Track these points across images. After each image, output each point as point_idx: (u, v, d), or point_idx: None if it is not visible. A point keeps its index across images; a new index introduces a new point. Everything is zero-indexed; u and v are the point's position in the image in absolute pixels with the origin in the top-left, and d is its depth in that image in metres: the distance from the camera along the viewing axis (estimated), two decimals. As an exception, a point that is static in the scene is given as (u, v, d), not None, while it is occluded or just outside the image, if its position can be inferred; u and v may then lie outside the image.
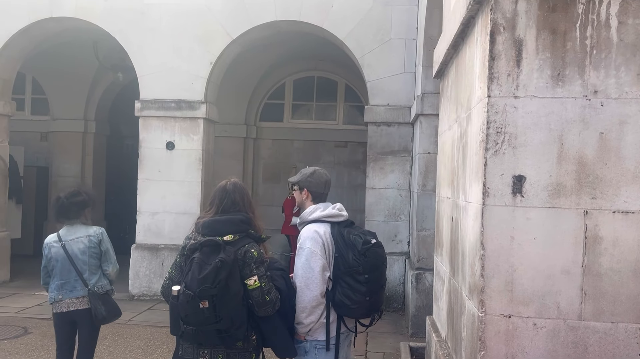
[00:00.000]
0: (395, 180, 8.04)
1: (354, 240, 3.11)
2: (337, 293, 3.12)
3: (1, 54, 8.54)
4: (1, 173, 8.99)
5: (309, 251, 3.10)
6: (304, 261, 3.10)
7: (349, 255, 3.09)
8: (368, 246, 3.07)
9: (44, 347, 6.05)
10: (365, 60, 8.14)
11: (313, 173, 3.34)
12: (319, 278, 3.08)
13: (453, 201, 3.50)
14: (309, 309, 3.08)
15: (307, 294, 3.07)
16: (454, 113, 3.61)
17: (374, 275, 3.09)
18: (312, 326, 3.14)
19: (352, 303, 3.09)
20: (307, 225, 3.22)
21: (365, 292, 3.07)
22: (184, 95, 8.38)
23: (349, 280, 3.09)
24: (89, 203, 4.43)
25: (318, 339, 3.18)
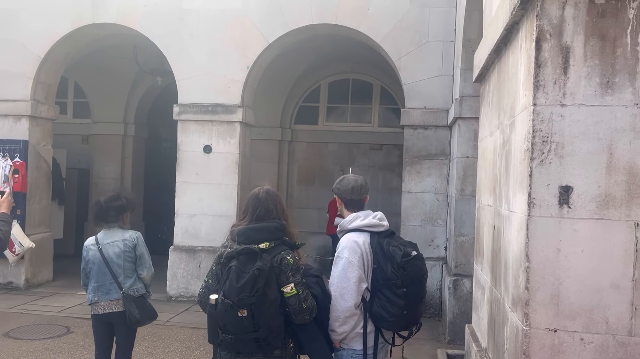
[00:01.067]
0: (432, 184, 7.95)
1: (393, 252, 3.07)
2: (374, 304, 3.09)
3: (46, 59, 8.79)
4: (45, 175, 9.24)
5: (346, 261, 3.08)
6: (340, 270, 3.09)
7: (387, 268, 3.06)
8: (408, 259, 3.03)
9: (85, 346, 6.19)
10: (402, 62, 8.07)
11: (342, 180, 3.33)
12: (354, 288, 3.05)
13: (495, 209, 3.43)
14: (342, 319, 3.07)
15: (342, 304, 3.06)
16: (495, 119, 3.53)
17: (412, 289, 3.05)
18: (345, 335, 3.12)
19: (389, 315, 3.06)
20: (346, 234, 3.20)
21: (404, 306, 3.03)
22: (221, 99, 8.47)
23: (387, 293, 3.05)
24: (127, 207, 4.51)
25: (354, 349, 3.17)
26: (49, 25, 8.67)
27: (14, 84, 8.76)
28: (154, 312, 4.53)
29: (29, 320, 7.13)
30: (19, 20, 8.75)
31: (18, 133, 8.73)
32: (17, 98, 8.75)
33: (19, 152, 8.60)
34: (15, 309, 7.63)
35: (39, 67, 8.76)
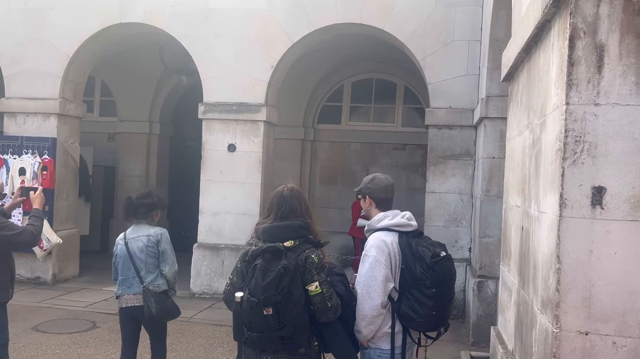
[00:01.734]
0: (456, 185, 7.88)
1: (422, 252, 3.05)
2: (402, 305, 3.08)
3: (74, 58, 8.93)
4: (72, 172, 9.40)
5: (373, 259, 3.07)
6: (367, 269, 3.08)
7: (416, 268, 3.04)
8: (437, 259, 3.01)
9: (111, 341, 6.27)
10: (427, 62, 8.02)
11: (373, 179, 3.32)
12: (381, 287, 3.04)
13: (523, 210, 3.39)
14: (368, 318, 3.05)
15: (368, 302, 3.05)
16: (525, 119, 3.49)
17: (441, 290, 3.03)
18: (372, 335, 3.11)
19: (417, 316, 3.05)
20: (374, 233, 3.19)
21: (432, 306, 3.02)
22: (245, 98, 8.52)
23: (416, 293, 3.04)
24: (157, 205, 4.58)
25: (382, 348, 3.16)
26: (77, 24, 8.82)
27: (43, 83, 8.93)
28: (174, 309, 4.51)
29: (56, 314, 7.26)
30: (48, 19, 8.91)
31: (46, 131, 8.89)
32: (46, 97, 8.91)
33: (47, 149, 8.76)
34: (43, 303, 7.78)
35: (67, 66, 8.91)
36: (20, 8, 9.00)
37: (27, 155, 8.74)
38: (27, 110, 8.96)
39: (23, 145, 8.79)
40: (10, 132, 9.00)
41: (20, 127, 8.98)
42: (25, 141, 8.79)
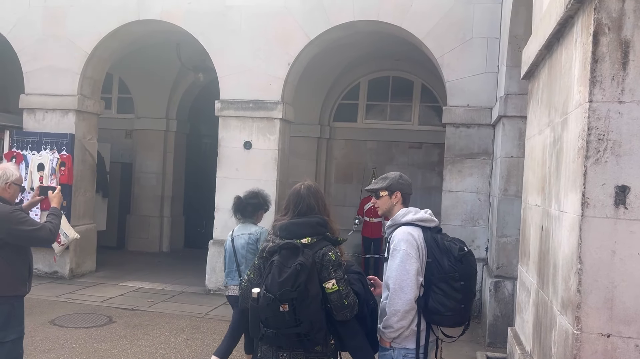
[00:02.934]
0: (473, 184, 7.81)
1: (449, 246, 3.05)
2: (430, 299, 3.05)
3: (93, 55, 9.00)
4: (90, 168, 9.48)
5: (404, 253, 3.04)
6: (399, 263, 3.04)
7: (444, 261, 3.03)
8: (463, 253, 3.01)
9: (127, 336, 6.31)
10: (445, 59, 7.94)
11: (401, 177, 3.34)
12: (414, 281, 3.02)
13: (543, 209, 3.33)
14: (401, 313, 3.01)
15: (402, 297, 3.01)
16: (545, 117, 3.43)
17: (469, 283, 3.04)
18: (402, 331, 3.07)
19: (446, 310, 3.02)
20: (400, 227, 3.16)
21: (461, 299, 3.01)
22: (261, 95, 8.51)
23: (444, 287, 3.02)
24: (262, 206, 5.12)
25: (407, 348, 3.10)
26: (96, 22, 8.88)
27: (61, 79, 9.01)
28: None
29: (73, 309, 7.33)
30: (67, 16, 8.99)
31: (65, 127, 8.98)
32: (65, 93, 9.00)
33: (65, 145, 8.84)
34: (61, 298, 7.86)
35: (85, 63, 8.98)
36: (39, 5, 9.08)
37: (46, 150, 8.83)
38: (46, 106, 9.05)
39: (42, 141, 8.88)
40: (30, 128, 9.10)
41: (39, 123, 9.08)
42: (44, 137, 8.89)
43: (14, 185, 3.95)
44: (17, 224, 3.80)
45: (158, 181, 12.30)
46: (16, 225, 3.79)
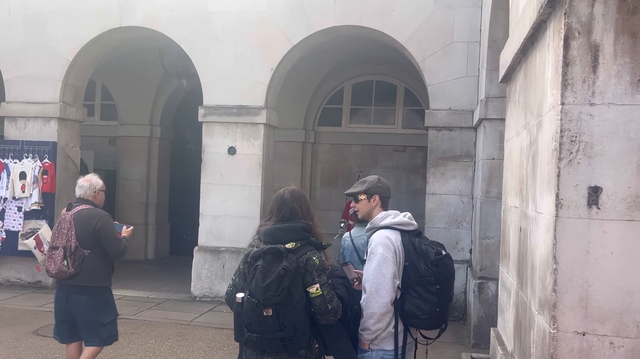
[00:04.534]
0: (456, 186, 7.88)
1: (425, 250, 3.09)
2: (406, 302, 3.09)
3: (74, 63, 8.95)
4: (73, 176, 9.37)
5: (381, 256, 3.08)
6: (375, 266, 3.08)
7: (420, 265, 3.07)
8: (440, 256, 3.04)
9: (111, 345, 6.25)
10: (426, 63, 8.02)
11: (379, 180, 3.39)
12: (390, 284, 3.05)
13: (521, 211, 3.38)
14: (377, 316, 3.05)
15: (377, 300, 3.05)
16: (522, 119, 3.49)
17: (445, 286, 3.07)
18: (379, 333, 3.11)
19: (422, 313, 3.06)
20: (378, 231, 3.20)
21: (437, 303, 3.05)
22: (245, 101, 8.52)
23: (420, 290, 3.06)
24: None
25: (385, 349, 3.15)
26: (77, 29, 8.84)
27: (43, 87, 8.94)
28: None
29: (57, 318, 7.25)
30: (48, 24, 8.93)
31: (47, 135, 8.91)
32: (46, 101, 8.93)
33: (48, 153, 8.77)
34: (44, 307, 7.77)
35: (67, 70, 8.93)
36: (20, 12, 9.02)
37: (28, 159, 8.74)
38: (27, 115, 8.98)
39: (24, 149, 8.80)
40: (11, 136, 9.02)
41: (20, 131, 9.00)
42: (26, 145, 8.81)
43: (101, 191, 4.82)
44: (109, 228, 4.62)
45: (142, 188, 12.23)
46: (108, 229, 4.60)
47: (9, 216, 8.77)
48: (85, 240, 4.52)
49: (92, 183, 4.76)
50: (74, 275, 4.50)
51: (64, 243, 4.51)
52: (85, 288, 4.54)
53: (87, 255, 4.53)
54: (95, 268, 4.56)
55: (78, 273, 4.51)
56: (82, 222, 4.52)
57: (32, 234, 8.59)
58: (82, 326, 4.64)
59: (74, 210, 4.62)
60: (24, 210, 8.72)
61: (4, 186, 8.76)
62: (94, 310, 4.59)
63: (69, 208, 4.69)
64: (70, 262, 4.47)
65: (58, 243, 4.55)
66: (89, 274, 4.54)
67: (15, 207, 8.76)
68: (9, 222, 8.77)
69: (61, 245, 4.52)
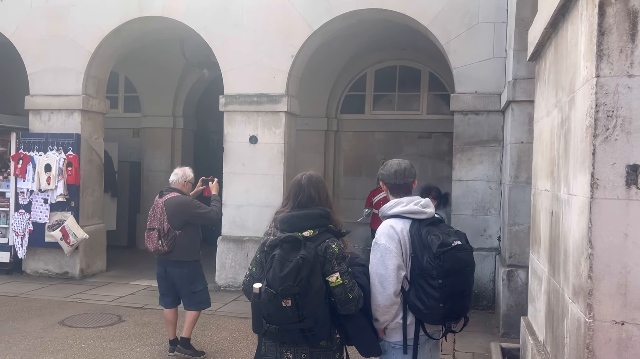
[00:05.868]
0: (484, 172, 7.65)
1: (430, 241, 2.88)
2: (410, 295, 2.95)
3: (96, 54, 8.96)
4: (97, 168, 9.45)
5: (383, 247, 2.95)
6: (379, 258, 2.96)
7: (423, 257, 2.89)
8: (445, 249, 2.83)
9: (136, 335, 6.27)
10: (451, 46, 7.78)
11: (385, 165, 3.20)
12: (393, 276, 2.91)
13: (552, 193, 3.20)
14: (382, 308, 2.94)
15: (381, 292, 2.93)
16: (553, 97, 3.29)
17: (449, 281, 2.84)
18: (386, 324, 3.00)
19: (424, 307, 2.90)
20: (385, 220, 3.06)
21: (439, 298, 2.85)
22: (266, 89, 8.42)
23: (423, 283, 2.89)
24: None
25: (395, 341, 3.04)
26: (97, 20, 8.83)
27: (65, 79, 8.98)
28: None
29: (83, 309, 7.30)
30: (69, 16, 8.95)
31: (71, 127, 8.95)
32: (69, 93, 8.97)
33: (71, 146, 8.82)
34: (71, 298, 7.84)
35: (89, 62, 8.94)
36: (41, 5, 9.05)
37: (52, 151, 8.80)
38: (51, 107, 9.03)
39: (48, 141, 8.86)
40: (36, 129, 9.09)
41: (45, 124, 9.07)
42: (50, 138, 8.87)
43: (189, 183, 5.56)
44: (196, 209, 5.40)
45: (167, 179, 12.18)
46: (195, 209, 5.40)
47: (35, 208, 8.85)
48: (176, 222, 5.30)
49: (185, 173, 5.56)
50: (168, 252, 5.31)
51: (158, 225, 5.32)
52: (178, 262, 5.37)
53: (178, 235, 5.31)
54: (185, 245, 5.36)
55: (171, 250, 5.32)
56: (172, 208, 5.31)
57: (59, 226, 8.67)
58: (181, 294, 5.54)
59: (165, 197, 5.39)
60: (50, 202, 8.80)
61: (30, 179, 8.83)
62: (187, 280, 5.43)
63: (161, 195, 5.46)
64: (164, 242, 5.28)
65: (153, 225, 5.35)
66: (180, 250, 5.34)
67: (42, 199, 8.83)
68: (36, 214, 8.85)
69: (156, 227, 5.32)
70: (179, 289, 5.53)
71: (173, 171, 5.66)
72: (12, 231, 8.99)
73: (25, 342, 5.92)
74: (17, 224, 8.91)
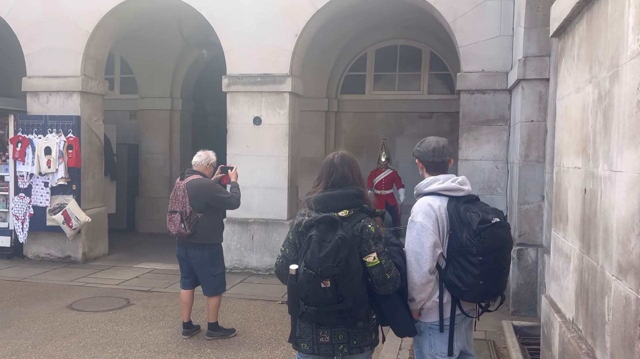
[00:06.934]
0: (490, 151, 7.63)
1: (470, 218, 2.87)
2: (448, 272, 2.93)
3: (94, 34, 8.77)
4: (97, 150, 9.32)
5: (419, 225, 2.93)
6: (415, 235, 2.93)
7: (462, 234, 2.87)
8: (485, 225, 2.82)
9: (146, 318, 6.23)
10: (458, 24, 7.70)
11: (422, 142, 3.18)
12: (429, 254, 2.90)
13: (586, 171, 3.17)
14: (418, 286, 2.93)
15: (417, 270, 2.92)
16: (585, 73, 3.24)
17: (489, 257, 2.84)
18: (422, 303, 2.98)
19: (463, 284, 2.89)
20: (421, 197, 3.03)
21: (478, 275, 2.85)
22: (269, 69, 8.30)
23: (462, 261, 2.88)
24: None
25: (432, 321, 3.03)
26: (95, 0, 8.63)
27: (64, 60, 8.79)
28: None
29: (90, 293, 7.24)
30: (67, -5, 8.74)
31: (70, 109, 8.79)
32: (68, 74, 8.79)
33: (71, 128, 8.67)
34: (76, 282, 7.77)
35: (87, 42, 8.75)
36: (37, -16, 8.83)
37: (52, 134, 8.65)
38: (49, 89, 8.86)
39: (47, 124, 8.70)
40: (34, 111, 8.91)
41: (43, 106, 8.89)
42: (50, 120, 8.70)
43: (211, 166, 5.52)
44: (217, 192, 5.38)
45: (165, 161, 12.14)
46: (217, 193, 5.36)
47: (36, 192, 8.72)
48: (198, 205, 5.27)
49: (208, 156, 5.53)
50: (190, 234, 5.28)
51: (180, 208, 5.27)
52: (199, 244, 5.34)
53: (199, 218, 5.29)
54: (207, 228, 5.34)
55: (194, 233, 5.29)
56: (194, 191, 5.26)
57: (60, 209, 8.56)
58: (200, 276, 5.47)
59: (187, 179, 5.34)
60: (51, 185, 8.67)
61: (29, 162, 8.69)
62: (207, 263, 5.38)
63: (182, 177, 5.41)
64: (186, 224, 5.24)
65: (176, 208, 5.30)
66: (202, 233, 5.32)
67: (42, 183, 8.70)
68: (37, 198, 8.73)
69: (178, 209, 5.28)
70: (196, 271, 5.49)
71: (196, 153, 5.59)
72: (12, 215, 8.87)
73: (35, 326, 5.86)
74: (18, 208, 8.78)
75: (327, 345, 2.84)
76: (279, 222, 8.36)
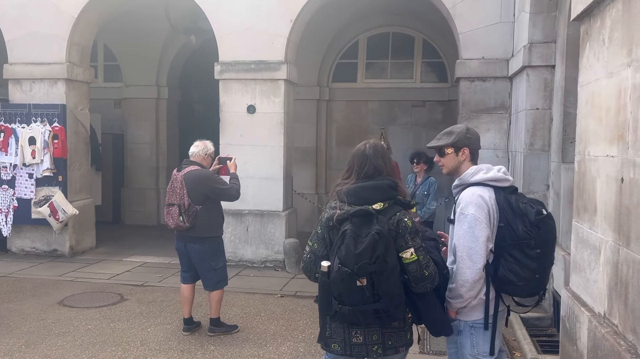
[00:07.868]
0: (490, 140, 7.51)
1: (525, 209, 2.73)
2: (500, 267, 2.77)
3: (79, 19, 8.41)
4: (83, 140, 8.99)
5: (472, 217, 2.75)
6: (467, 229, 2.75)
7: (518, 226, 2.73)
8: (541, 217, 2.69)
9: (142, 314, 6.00)
10: (457, 10, 7.54)
11: (468, 130, 3.01)
12: (483, 248, 2.74)
13: (622, 159, 3.03)
14: (470, 283, 2.75)
15: (470, 266, 2.74)
16: (621, 57, 3.10)
17: (546, 250, 2.74)
18: (470, 301, 2.82)
19: (518, 279, 2.75)
20: (468, 188, 2.85)
21: (536, 269, 2.73)
22: (264, 55, 8.05)
23: (517, 254, 2.73)
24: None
25: (474, 319, 2.88)
26: (81, -18, 8.26)
27: (48, 46, 8.43)
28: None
29: (81, 288, 6.97)
30: (50, -22, 8.35)
31: (55, 97, 8.44)
32: (52, 61, 8.43)
33: (57, 117, 8.32)
34: (65, 276, 7.48)
35: (72, 28, 8.40)
36: (18, -34, 8.42)
37: (37, 123, 8.29)
38: (33, 76, 8.48)
39: (31, 113, 8.34)
40: (17, 99, 8.54)
41: (26, 94, 8.52)
42: (34, 109, 8.34)
43: (209, 156, 5.32)
44: (216, 183, 5.17)
45: (152, 152, 11.82)
46: (216, 184, 5.16)
47: (20, 183, 8.38)
48: (196, 197, 5.07)
49: (206, 146, 5.32)
50: (189, 228, 5.07)
51: (178, 201, 5.07)
52: (199, 238, 5.13)
53: (199, 210, 5.08)
54: (207, 220, 5.14)
55: (193, 226, 5.08)
56: (192, 182, 5.05)
57: (46, 201, 8.24)
58: (200, 271, 5.28)
59: (184, 171, 5.13)
60: (36, 176, 8.33)
61: (12, 153, 8.33)
62: (207, 257, 5.20)
63: (179, 168, 5.20)
64: (185, 217, 5.04)
65: (173, 201, 5.10)
66: (202, 226, 5.11)
67: (26, 174, 8.36)
68: (21, 190, 8.38)
69: (176, 202, 5.07)
70: (196, 266, 5.29)
71: (193, 143, 5.36)
72: (-5, 208, 8.50)
73: (27, 324, 5.59)
74: (1, 200, 8.43)
75: (360, 346, 2.67)
76: (274, 213, 8.15)
